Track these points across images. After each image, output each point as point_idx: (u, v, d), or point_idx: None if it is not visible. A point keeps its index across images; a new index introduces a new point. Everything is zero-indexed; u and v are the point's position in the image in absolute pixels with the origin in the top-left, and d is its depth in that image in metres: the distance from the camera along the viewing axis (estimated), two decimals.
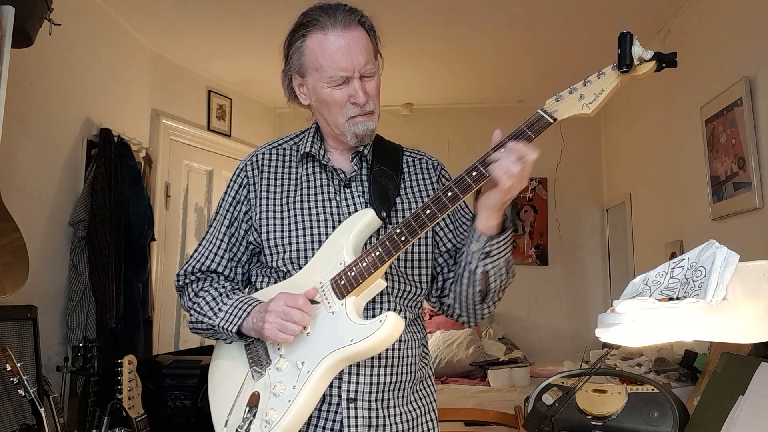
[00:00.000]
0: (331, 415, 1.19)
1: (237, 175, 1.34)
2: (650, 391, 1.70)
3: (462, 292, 1.25)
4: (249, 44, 3.52)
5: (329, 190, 1.28)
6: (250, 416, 1.12)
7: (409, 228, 1.12)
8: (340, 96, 1.22)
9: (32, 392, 1.81)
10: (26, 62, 2.34)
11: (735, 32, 2.49)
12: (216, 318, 1.23)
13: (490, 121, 5.04)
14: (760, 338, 0.91)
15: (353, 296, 1.15)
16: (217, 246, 1.32)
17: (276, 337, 1.12)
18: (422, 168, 1.37)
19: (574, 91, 1.10)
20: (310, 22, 1.23)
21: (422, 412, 1.29)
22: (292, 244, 1.24)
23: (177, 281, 1.35)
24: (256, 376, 1.19)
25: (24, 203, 2.39)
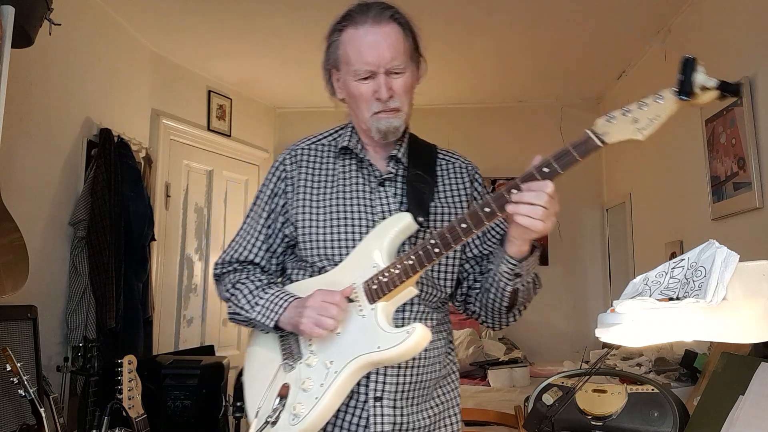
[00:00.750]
0: (358, 411, 1.22)
1: (275, 168, 1.36)
2: (650, 391, 1.70)
3: (488, 303, 1.27)
4: (249, 44, 3.52)
5: (364, 188, 1.30)
6: (279, 407, 1.16)
7: (444, 241, 1.12)
8: (366, 90, 1.23)
9: (32, 392, 1.81)
10: (26, 62, 2.34)
11: (735, 32, 2.49)
12: (253, 312, 1.26)
13: (490, 121, 5.07)
14: (760, 338, 0.91)
15: (383, 302, 1.17)
16: (255, 237, 1.34)
17: (312, 332, 1.15)
18: (456, 172, 1.38)
19: (628, 114, 1.03)
20: (346, 17, 1.25)
21: (445, 407, 1.32)
22: (327, 240, 1.26)
23: (215, 269, 1.39)
24: (288, 368, 1.23)
25: (24, 203, 2.39)
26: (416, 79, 1.30)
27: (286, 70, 3.95)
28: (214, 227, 4.10)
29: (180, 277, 3.80)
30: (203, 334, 3.93)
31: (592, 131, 1.05)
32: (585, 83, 4.07)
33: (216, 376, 2.85)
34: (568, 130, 4.33)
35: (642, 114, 1.02)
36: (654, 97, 1.02)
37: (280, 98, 4.52)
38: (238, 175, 4.35)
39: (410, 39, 1.26)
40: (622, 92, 3.95)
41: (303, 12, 3.06)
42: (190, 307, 3.87)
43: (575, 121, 4.35)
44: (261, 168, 4.54)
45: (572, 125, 4.34)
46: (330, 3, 3.02)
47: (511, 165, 4.35)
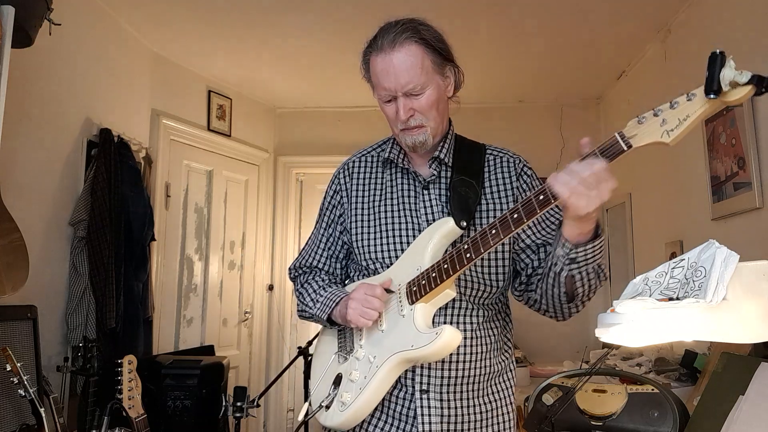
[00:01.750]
0: (406, 402, 1.30)
1: (332, 182, 1.50)
2: (650, 391, 1.70)
3: (548, 290, 1.27)
4: (249, 44, 3.52)
5: (409, 194, 1.39)
6: (333, 394, 1.30)
7: (475, 245, 1.17)
8: (390, 111, 1.32)
9: (32, 392, 1.81)
10: (26, 62, 2.34)
11: (735, 32, 2.49)
12: (314, 308, 1.41)
13: (490, 121, 5.06)
14: (760, 338, 0.91)
15: (423, 302, 1.24)
16: (318, 246, 1.51)
17: (357, 322, 1.26)
18: (503, 167, 1.40)
19: (659, 113, 0.98)
20: (375, 39, 1.32)
21: (498, 405, 1.36)
22: (377, 245, 1.37)
23: (289, 274, 1.57)
24: (342, 359, 1.36)
25: (24, 203, 2.39)
26: (445, 90, 1.34)
27: (286, 70, 3.95)
28: (214, 227, 4.10)
29: (180, 277, 3.80)
30: (203, 334, 3.94)
31: (621, 135, 1.02)
32: (585, 83, 4.07)
33: (216, 376, 2.85)
34: (568, 130, 4.33)
35: (672, 114, 0.97)
36: (687, 94, 0.96)
37: (280, 98, 4.52)
38: (238, 175, 4.35)
39: (433, 53, 1.30)
40: (622, 92, 3.95)
41: (303, 12, 3.06)
42: (190, 307, 3.87)
43: (575, 121, 4.35)
44: (261, 168, 4.54)
45: (572, 125, 4.35)
46: (330, 3, 3.03)
47: None
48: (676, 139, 0.97)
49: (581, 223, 1.11)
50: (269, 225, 4.61)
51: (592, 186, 1.02)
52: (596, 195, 1.02)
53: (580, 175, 1.02)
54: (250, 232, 4.43)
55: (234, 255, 4.27)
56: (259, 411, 4.29)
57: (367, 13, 3.02)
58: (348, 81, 4.02)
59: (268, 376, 4.41)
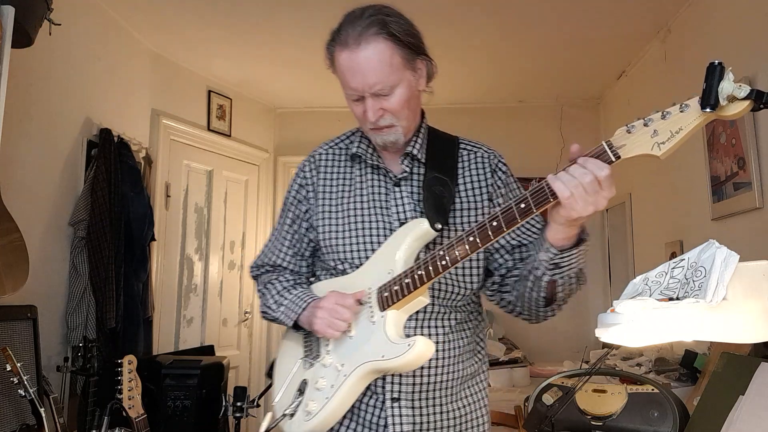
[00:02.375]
0: (377, 411, 1.25)
1: (297, 175, 1.41)
2: (650, 391, 1.70)
3: (525, 293, 1.23)
4: (249, 44, 3.52)
5: (380, 191, 1.32)
6: (297, 401, 1.23)
7: (451, 253, 1.12)
8: (358, 110, 1.26)
9: (32, 392, 1.81)
10: (26, 62, 2.34)
11: (735, 32, 2.49)
12: (278, 311, 1.33)
13: (490, 121, 5.06)
14: (760, 338, 0.91)
15: (394, 309, 1.18)
16: (281, 243, 1.41)
17: (324, 332, 1.20)
18: (477, 162, 1.35)
19: (649, 123, 0.94)
20: (338, 31, 1.22)
21: (471, 409, 1.31)
22: (346, 244, 1.29)
23: (251, 272, 1.48)
24: (307, 365, 1.29)
25: (24, 203, 2.38)
26: (416, 85, 1.27)
27: (286, 70, 3.95)
28: (214, 227, 4.10)
29: (180, 277, 3.80)
30: (203, 334, 3.93)
31: (609, 144, 0.99)
32: (585, 83, 4.07)
33: (216, 376, 2.85)
34: (568, 130, 4.33)
35: (663, 125, 0.92)
36: (680, 105, 0.91)
37: (280, 98, 4.52)
38: (238, 175, 4.35)
39: (402, 48, 1.21)
40: (622, 92, 3.95)
41: (303, 12, 3.06)
42: (190, 307, 3.87)
43: (575, 121, 4.35)
44: (261, 168, 4.54)
45: (572, 125, 4.34)
46: (330, 3, 3.03)
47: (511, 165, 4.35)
48: (668, 153, 0.93)
49: (568, 227, 1.07)
50: (269, 225, 4.61)
51: (592, 192, 0.99)
52: (593, 201, 1.00)
53: (583, 179, 0.99)
54: (250, 232, 4.43)
55: (234, 255, 4.27)
56: (259, 411, 4.29)
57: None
58: None
59: None
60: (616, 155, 0.98)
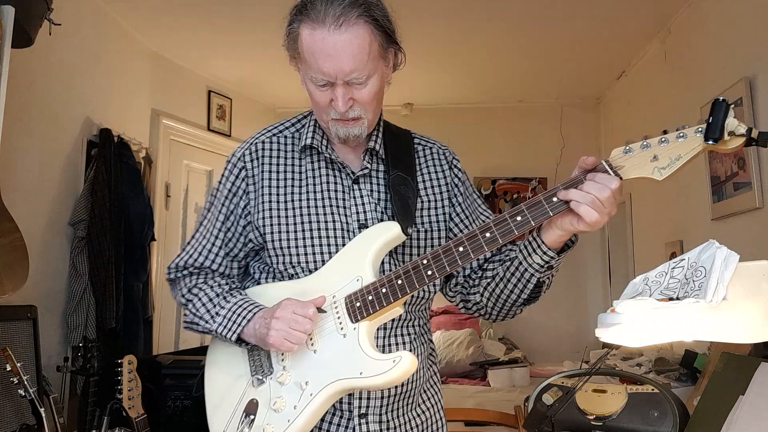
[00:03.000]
0: (343, 429, 1.15)
1: (233, 164, 1.21)
2: (650, 391, 1.70)
3: (503, 294, 1.17)
4: (249, 44, 3.52)
5: (337, 188, 1.19)
6: (246, 425, 1.09)
7: (438, 263, 1.04)
8: (322, 98, 1.11)
9: (32, 392, 1.81)
10: (26, 62, 2.34)
11: (735, 32, 2.49)
12: (213, 323, 1.16)
13: (490, 121, 5.05)
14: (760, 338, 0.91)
15: (367, 321, 1.08)
16: (211, 243, 1.22)
17: (281, 346, 1.06)
18: (434, 159, 1.28)
19: (646, 149, 0.96)
20: (305, 5, 1.08)
21: (431, 413, 1.26)
22: (299, 247, 1.16)
23: (168, 274, 1.28)
24: (256, 383, 1.13)
25: (24, 203, 2.39)
26: (387, 77, 1.17)
27: (286, 70, 3.89)
28: None
29: None
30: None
31: (608, 163, 0.99)
32: (585, 83, 4.07)
33: None
34: (568, 130, 4.33)
35: (663, 151, 0.95)
36: (677, 133, 0.95)
37: (280, 98, 4.52)
38: None
39: (381, 35, 1.10)
40: (622, 92, 3.95)
41: None
42: None
43: (575, 121, 4.35)
44: None
45: (572, 125, 4.35)
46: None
47: (511, 165, 4.36)
48: (668, 179, 0.96)
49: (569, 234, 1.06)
50: None
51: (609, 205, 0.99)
52: (607, 213, 0.99)
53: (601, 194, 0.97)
54: None
55: None
56: None
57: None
58: None
59: None
60: (617, 175, 0.98)
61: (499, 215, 1.05)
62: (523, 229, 1.02)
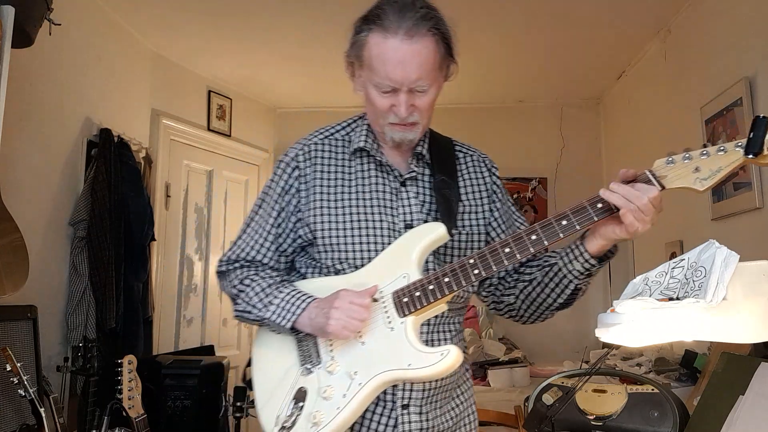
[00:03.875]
0: (384, 419, 1.21)
1: (286, 164, 1.29)
2: (650, 391, 1.70)
3: (539, 298, 1.24)
4: (249, 44, 3.52)
5: (385, 189, 1.26)
6: (296, 411, 1.14)
7: (485, 263, 1.10)
8: (384, 103, 1.19)
9: (32, 392, 1.81)
10: (26, 62, 2.34)
11: (735, 32, 2.49)
12: (266, 311, 1.20)
13: (490, 121, 5.05)
14: (760, 338, 0.91)
15: (413, 316, 1.13)
16: (264, 237, 1.28)
17: (340, 334, 1.11)
18: (475, 166, 1.36)
19: (688, 161, 1.02)
20: (379, 16, 1.16)
21: (464, 407, 1.32)
22: (348, 244, 1.22)
23: (219, 266, 1.33)
24: (305, 372, 1.18)
25: (24, 203, 2.39)
26: (442, 86, 1.27)
27: (286, 70, 3.95)
28: (214, 227, 4.10)
29: (180, 277, 3.79)
30: (203, 334, 3.93)
31: (651, 173, 1.05)
32: (585, 83, 4.07)
33: (216, 376, 2.85)
34: (568, 130, 4.33)
35: (704, 163, 1.02)
36: (718, 147, 1.02)
37: (280, 98, 4.52)
38: (238, 175, 4.35)
39: (444, 49, 1.20)
40: (622, 92, 3.95)
41: (304, 12, 3.06)
42: (190, 307, 3.86)
43: (575, 121, 4.35)
44: (261, 168, 4.54)
45: (572, 125, 4.34)
46: (330, 3, 3.02)
47: (511, 165, 4.35)
48: (708, 189, 1.02)
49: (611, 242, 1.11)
50: None
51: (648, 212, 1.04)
52: (649, 221, 1.04)
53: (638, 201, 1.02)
54: None
55: None
56: None
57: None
58: (348, 81, 4.02)
59: None
60: (660, 185, 1.04)
61: (544, 219, 1.10)
62: (568, 233, 1.08)
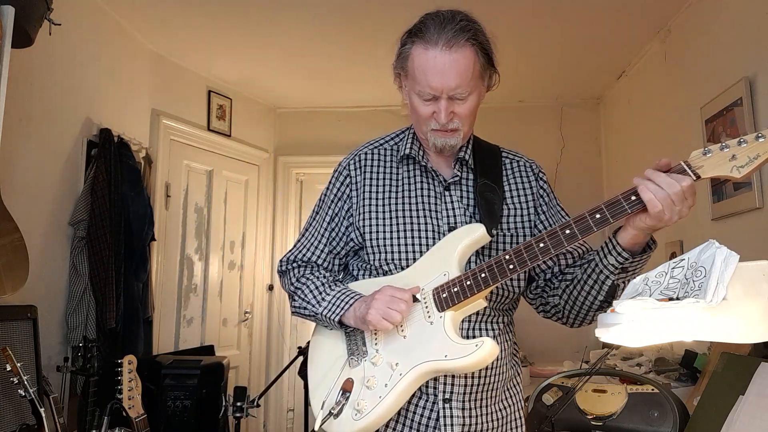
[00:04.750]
0: (427, 412, 1.25)
1: (339, 172, 1.40)
2: (650, 391, 1.70)
3: (579, 296, 1.25)
4: (249, 44, 3.52)
5: (430, 194, 1.32)
6: (342, 400, 1.20)
7: (519, 258, 1.13)
8: (426, 111, 1.25)
9: (32, 392, 1.81)
10: (26, 62, 2.34)
11: (735, 32, 2.49)
12: (320, 306, 1.30)
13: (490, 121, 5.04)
14: (760, 338, 0.91)
15: (452, 311, 1.19)
16: (318, 240, 1.40)
17: (379, 323, 1.17)
18: (522, 172, 1.40)
19: (725, 149, 1.03)
20: (421, 29, 1.24)
21: (511, 410, 1.34)
22: (394, 245, 1.29)
23: (280, 266, 1.45)
24: (353, 363, 1.26)
25: (24, 203, 2.39)
26: (484, 95, 1.31)
27: (286, 70, 3.95)
28: (214, 227, 4.10)
29: (180, 277, 3.80)
30: (203, 334, 3.94)
31: (687, 164, 1.06)
32: (585, 83, 4.07)
33: (216, 376, 2.85)
34: (568, 130, 4.33)
35: (741, 151, 1.02)
36: (756, 135, 1.01)
37: (280, 98, 4.52)
38: (238, 175, 4.35)
39: (483, 58, 1.25)
40: (622, 92, 3.95)
41: (304, 12, 3.06)
42: (190, 307, 3.87)
43: (575, 121, 4.35)
44: (261, 168, 4.54)
45: (572, 125, 4.34)
46: (330, 3, 3.02)
47: None
48: (746, 176, 1.02)
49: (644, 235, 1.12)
50: (269, 225, 4.61)
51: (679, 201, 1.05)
52: (678, 211, 1.05)
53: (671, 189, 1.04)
54: (250, 232, 4.43)
55: (234, 255, 4.27)
56: (259, 411, 4.29)
57: (368, 12, 3.02)
58: (348, 81, 4.02)
59: (268, 376, 4.41)
60: (696, 174, 1.05)
61: (578, 214, 1.12)
62: (602, 226, 1.10)
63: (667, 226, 1.08)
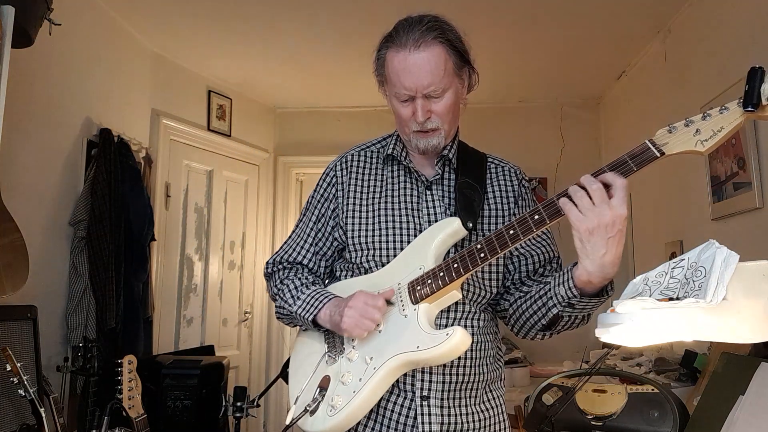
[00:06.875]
0: (405, 411, 1.24)
1: (326, 174, 1.43)
2: (650, 391, 1.70)
3: (525, 313, 1.26)
4: (249, 44, 3.52)
5: (412, 193, 1.35)
6: (319, 397, 1.21)
7: (490, 246, 1.13)
8: (405, 112, 1.27)
9: (32, 392, 1.81)
10: (26, 62, 2.34)
11: (735, 32, 2.49)
12: (294, 305, 1.32)
13: (490, 121, 5.04)
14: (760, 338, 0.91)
15: (426, 303, 1.19)
16: (304, 240, 1.42)
17: (353, 332, 1.19)
18: (506, 175, 1.41)
19: (690, 125, 1.01)
20: (391, 36, 1.27)
21: (494, 413, 1.33)
22: (375, 243, 1.31)
23: (266, 269, 1.47)
24: (330, 361, 1.27)
25: (24, 203, 2.39)
26: (462, 93, 1.32)
27: (286, 70, 3.95)
28: (214, 227, 4.10)
29: (180, 277, 3.80)
30: (203, 334, 3.94)
31: (652, 142, 1.04)
32: (585, 83, 4.07)
33: (216, 376, 2.85)
34: (568, 130, 4.33)
35: (705, 125, 1.00)
36: (720, 108, 0.99)
37: (280, 98, 4.52)
38: (238, 175, 4.35)
39: (455, 55, 1.27)
40: (622, 92, 3.95)
41: (303, 12, 3.06)
42: (190, 307, 3.87)
43: (575, 121, 4.35)
44: (261, 168, 4.54)
45: (572, 125, 4.34)
46: (330, 3, 3.02)
47: None
48: (710, 149, 1.00)
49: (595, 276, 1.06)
50: (269, 225, 4.61)
51: (599, 202, 1.01)
52: (598, 213, 1.01)
53: (590, 186, 1.02)
54: (250, 232, 4.43)
55: (234, 255, 4.27)
56: (259, 411, 4.30)
57: (368, 12, 3.02)
58: (348, 81, 4.02)
59: (268, 376, 4.41)
60: (660, 151, 1.02)
61: (548, 198, 1.11)
62: (540, 226, 1.08)
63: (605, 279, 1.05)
